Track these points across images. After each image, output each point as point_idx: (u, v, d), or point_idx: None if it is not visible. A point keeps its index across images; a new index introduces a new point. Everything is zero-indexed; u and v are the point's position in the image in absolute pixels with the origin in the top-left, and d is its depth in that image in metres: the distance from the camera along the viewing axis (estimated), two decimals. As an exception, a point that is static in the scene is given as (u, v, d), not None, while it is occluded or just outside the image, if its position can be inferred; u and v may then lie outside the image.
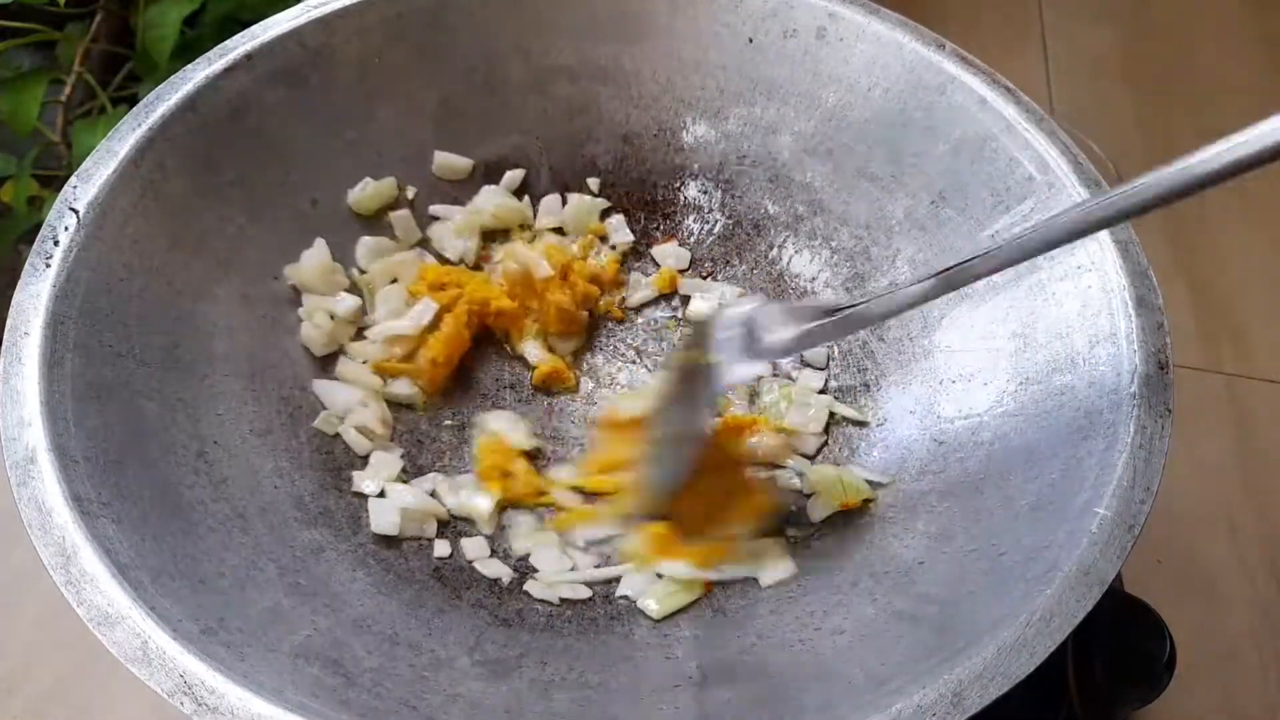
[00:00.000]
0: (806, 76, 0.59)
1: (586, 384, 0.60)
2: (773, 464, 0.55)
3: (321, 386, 0.54)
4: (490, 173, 0.63)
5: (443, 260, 0.61)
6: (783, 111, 0.61)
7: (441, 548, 0.51)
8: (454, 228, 0.61)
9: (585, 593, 0.50)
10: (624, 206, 0.65)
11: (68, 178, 0.48)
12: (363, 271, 0.58)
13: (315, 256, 0.56)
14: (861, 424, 0.54)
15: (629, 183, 0.64)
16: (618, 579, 0.51)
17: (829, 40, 0.58)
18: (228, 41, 0.54)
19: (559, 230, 0.63)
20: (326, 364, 0.56)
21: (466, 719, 0.39)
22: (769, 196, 0.63)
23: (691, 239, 0.64)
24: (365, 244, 0.59)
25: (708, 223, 0.64)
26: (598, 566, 0.52)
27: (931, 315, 0.55)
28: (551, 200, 0.63)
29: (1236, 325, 0.77)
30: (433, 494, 0.53)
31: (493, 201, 0.62)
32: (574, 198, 0.63)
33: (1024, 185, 0.52)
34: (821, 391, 0.58)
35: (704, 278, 0.63)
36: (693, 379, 0.50)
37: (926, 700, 0.36)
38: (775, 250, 0.63)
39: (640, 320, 0.63)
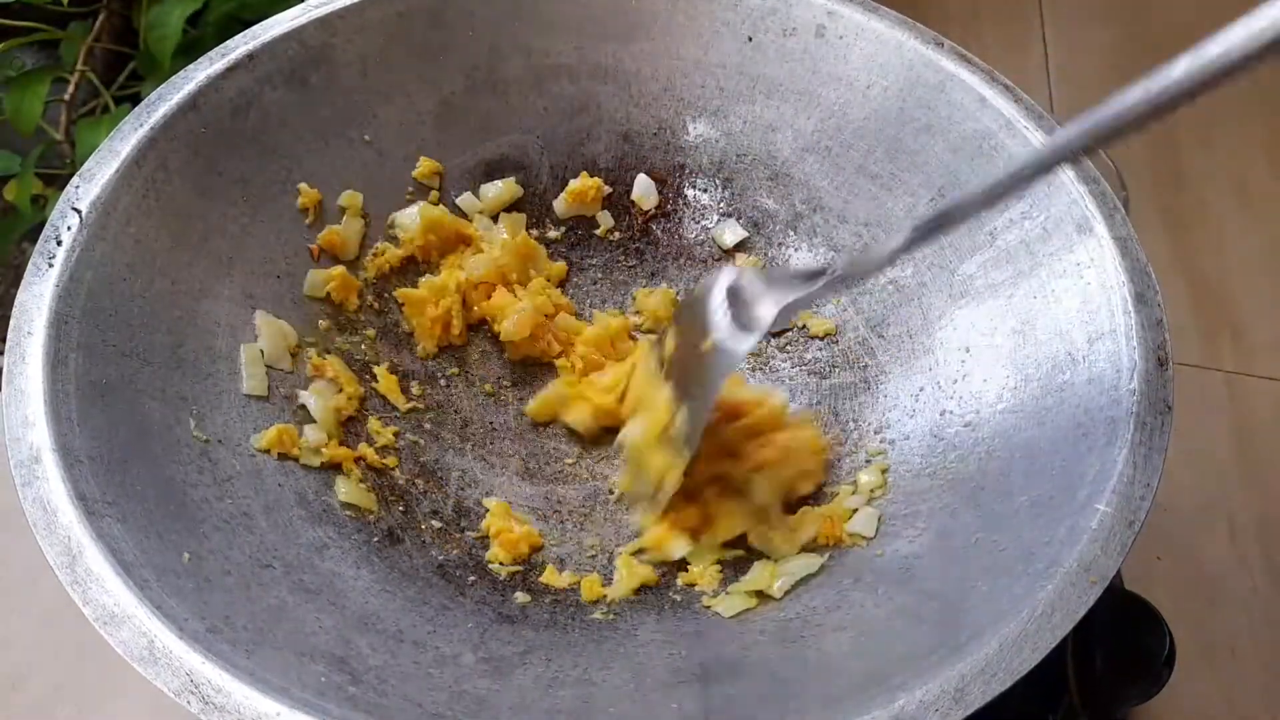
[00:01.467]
0: (806, 75, 0.59)
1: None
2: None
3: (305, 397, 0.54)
4: (491, 172, 0.63)
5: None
6: (782, 110, 0.61)
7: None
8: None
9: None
10: (624, 205, 0.65)
11: (71, 176, 0.48)
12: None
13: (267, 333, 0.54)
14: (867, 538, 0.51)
15: (629, 181, 0.64)
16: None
17: (828, 38, 0.58)
18: (229, 41, 0.54)
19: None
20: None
21: (472, 716, 0.39)
22: (769, 194, 0.63)
23: (692, 237, 0.64)
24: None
25: (708, 221, 0.64)
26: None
27: (931, 313, 0.56)
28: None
29: (1236, 322, 0.77)
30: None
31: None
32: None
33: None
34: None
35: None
36: (694, 360, 0.51)
37: (929, 696, 0.36)
38: (775, 248, 0.63)
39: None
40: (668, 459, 0.52)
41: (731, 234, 0.63)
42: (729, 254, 0.64)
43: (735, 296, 0.50)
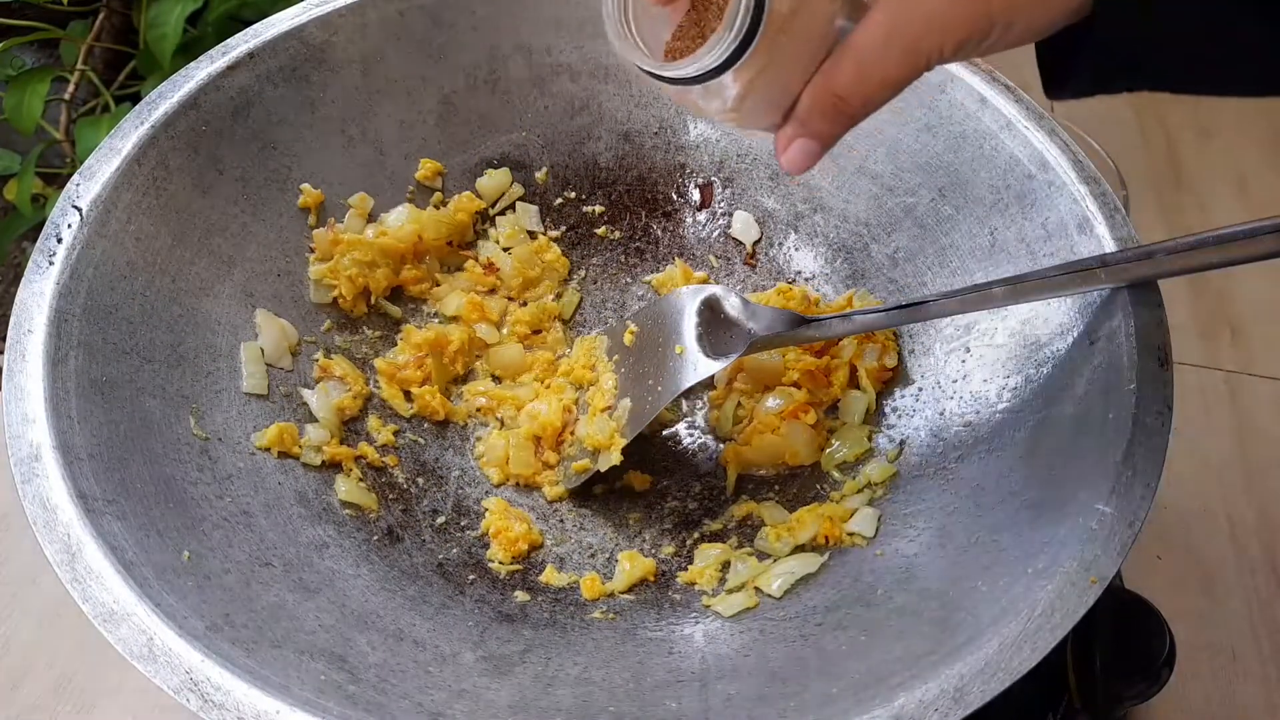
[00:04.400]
0: (807, 74, 0.59)
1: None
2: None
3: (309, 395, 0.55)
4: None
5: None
6: (783, 109, 0.61)
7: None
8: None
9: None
10: (624, 204, 0.65)
11: (71, 175, 0.48)
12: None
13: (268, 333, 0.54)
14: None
15: (630, 181, 0.64)
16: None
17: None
18: (230, 40, 0.55)
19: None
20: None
21: (471, 715, 0.39)
22: (769, 194, 0.63)
23: (692, 236, 0.64)
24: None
25: (708, 220, 0.64)
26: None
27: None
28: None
29: (1236, 322, 0.77)
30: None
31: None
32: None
33: (1024, 183, 0.52)
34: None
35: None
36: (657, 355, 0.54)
37: (928, 695, 0.36)
38: (776, 247, 0.63)
39: None
40: (605, 435, 0.54)
41: (741, 224, 0.63)
42: (738, 244, 0.64)
43: (711, 313, 0.53)
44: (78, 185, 0.48)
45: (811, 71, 0.35)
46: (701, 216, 0.64)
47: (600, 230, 0.65)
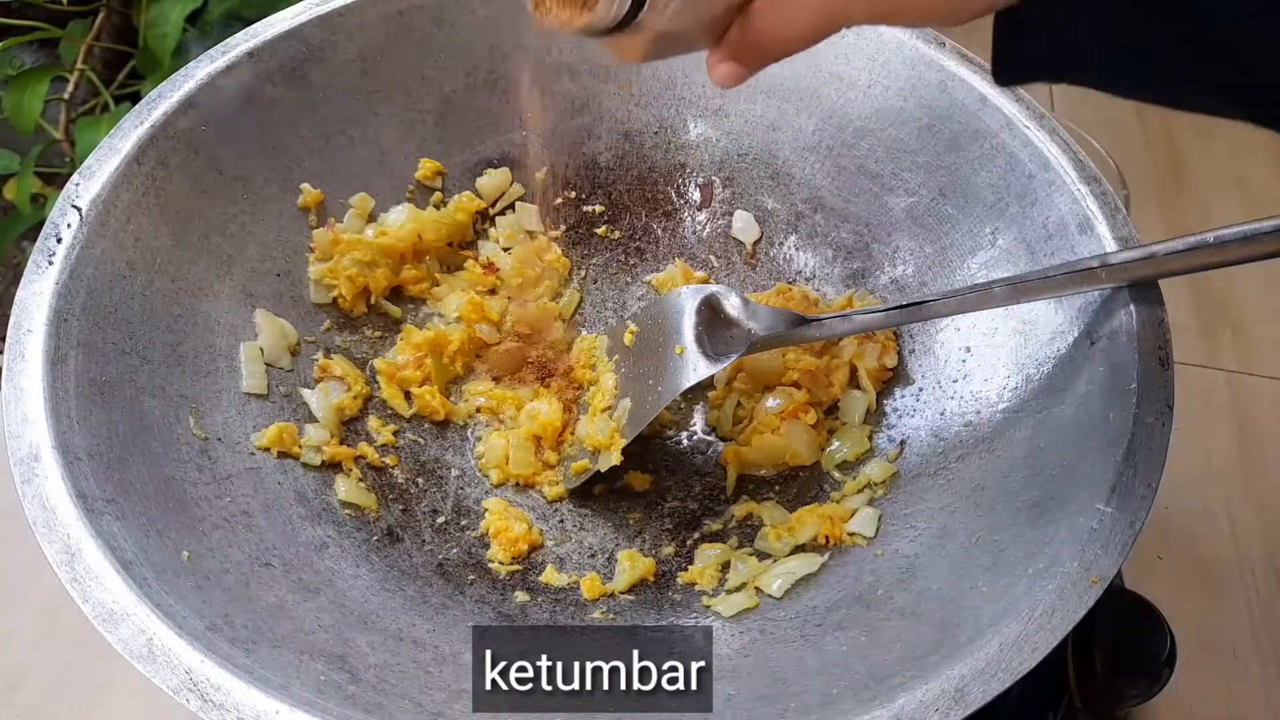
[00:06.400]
0: (807, 74, 0.59)
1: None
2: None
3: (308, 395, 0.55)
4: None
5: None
6: (783, 109, 0.61)
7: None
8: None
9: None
10: (624, 204, 0.65)
11: (70, 175, 0.48)
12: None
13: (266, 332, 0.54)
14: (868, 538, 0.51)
15: (630, 180, 0.64)
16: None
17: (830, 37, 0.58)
18: (230, 39, 0.54)
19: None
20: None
21: (471, 715, 0.39)
22: (770, 194, 0.63)
23: (692, 236, 0.64)
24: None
25: (708, 220, 0.64)
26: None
27: (932, 312, 0.55)
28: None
29: (1236, 321, 0.77)
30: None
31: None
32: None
33: (1024, 183, 0.52)
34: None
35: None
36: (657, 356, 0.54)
37: (929, 695, 0.36)
38: (776, 247, 0.63)
39: None
40: (605, 435, 0.54)
41: (741, 224, 0.63)
42: (738, 244, 0.64)
43: (711, 313, 0.53)
44: (77, 185, 0.48)
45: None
46: (701, 216, 0.64)
47: (600, 230, 0.64)
